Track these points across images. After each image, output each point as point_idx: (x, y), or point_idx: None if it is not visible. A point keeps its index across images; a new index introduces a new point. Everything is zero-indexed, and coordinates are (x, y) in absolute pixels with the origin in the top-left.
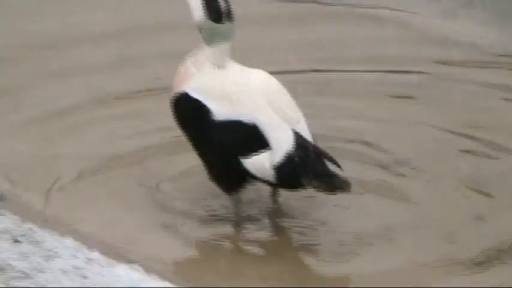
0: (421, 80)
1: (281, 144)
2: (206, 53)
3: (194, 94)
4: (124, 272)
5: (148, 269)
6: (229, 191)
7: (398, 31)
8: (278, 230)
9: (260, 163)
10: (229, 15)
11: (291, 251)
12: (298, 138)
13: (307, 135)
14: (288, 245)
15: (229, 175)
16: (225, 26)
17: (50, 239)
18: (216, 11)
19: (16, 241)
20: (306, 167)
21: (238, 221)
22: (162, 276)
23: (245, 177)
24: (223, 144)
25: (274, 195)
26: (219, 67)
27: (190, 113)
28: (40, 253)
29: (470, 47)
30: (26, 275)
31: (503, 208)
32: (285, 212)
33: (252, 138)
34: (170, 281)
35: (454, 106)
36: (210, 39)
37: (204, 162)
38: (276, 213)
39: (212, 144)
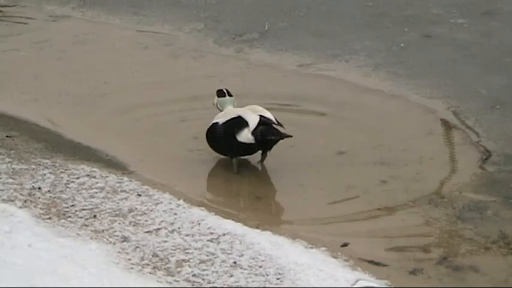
0: None
1: (253, 121)
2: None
3: (215, 121)
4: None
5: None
6: (231, 156)
7: None
8: (259, 172)
9: (245, 134)
10: (229, 94)
11: (269, 180)
12: (262, 118)
13: (270, 117)
14: (266, 180)
15: (232, 146)
16: (226, 98)
17: (157, 194)
18: (222, 93)
19: (139, 195)
20: (267, 129)
21: (237, 169)
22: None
23: (240, 146)
24: (227, 130)
25: (262, 160)
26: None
27: (214, 127)
28: (151, 202)
29: None
30: (144, 213)
31: None
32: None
33: (239, 122)
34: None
35: None
36: (221, 107)
37: (219, 144)
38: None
39: (223, 133)
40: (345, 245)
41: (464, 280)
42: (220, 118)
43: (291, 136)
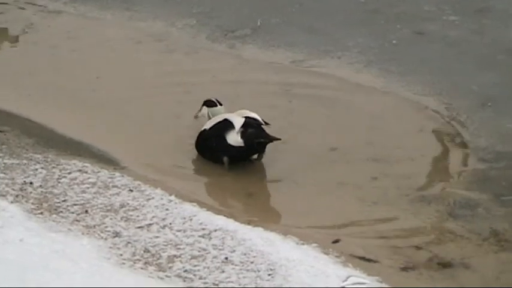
0: None
1: (238, 123)
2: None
3: (203, 129)
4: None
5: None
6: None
7: None
8: (251, 168)
9: (234, 137)
10: (219, 103)
11: (260, 177)
12: (248, 119)
13: (256, 117)
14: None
15: (223, 149)
16: (218, 108)
17: (149, 190)
18: (212, 103)
19: (130, 190)
20: (255, 132)
21: (228, 166)
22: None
23: (231, 149)
24: (216, 134)
25: (258, 159)
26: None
27: (202, 133)
28: (143, 197)
29: None
30: (135, 209)
31: None
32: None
33: (225, 125)
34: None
35: None
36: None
37: (210, 150)
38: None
39: (212, 136)
40: (336, 241)
41: (455, 277)
42: (207, 125)
43: (280, 139)
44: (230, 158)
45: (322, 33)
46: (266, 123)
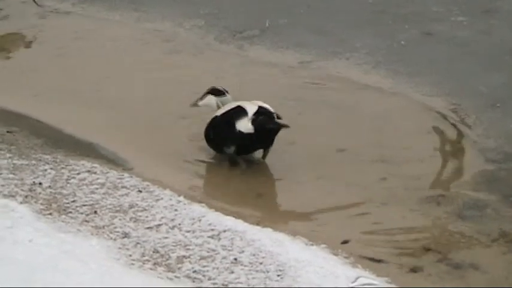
0: None
1: (251, 110)
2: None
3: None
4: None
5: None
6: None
7: None
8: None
9: (244, 123)
10: (227, 92)
11: (269, 178)
12: (261, 108)
13: (268, 107)
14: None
15: (231, 136)
16: (227, 97)
17: (157, 190)
18: (220, 92)
19: (139, 191)
20: (266, 119)
21: (245, 165)
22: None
23: (239, 136)
24: (226, 120)
25: (264, 156)
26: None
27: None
28: (152, 198)
29: None
30: (144, 209)
31: None
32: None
33: (238, 111)
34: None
35: None
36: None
37: (219, 138)
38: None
39: (222, 122)
40: (345, 242)
41: (465, 278)
42: (219, 112)
43: (289, 126)
44: (238, 147)
45: (330, 34)
46: (278, 117)
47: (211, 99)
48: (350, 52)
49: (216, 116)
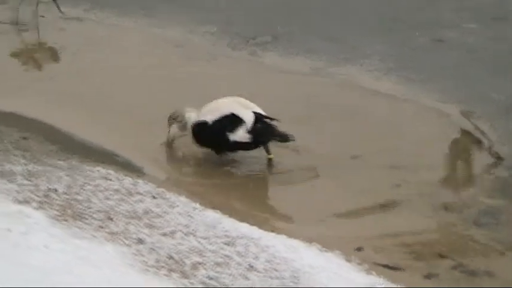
0: None
1: (248, 119)
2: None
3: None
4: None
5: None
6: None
7: None
8: (274, 175)
9: (241, 133)
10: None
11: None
12: (257, 115)
13: (261, 112)
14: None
15: (225, 146)
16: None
17: (172, 197)
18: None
19: (154, 197)
20: (266, 129)
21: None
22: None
23: (234, 145)
24: (219, 129)
25: (267, 152)
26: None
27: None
28: (166, 204)
29: None
30: (159, 215)
31: None
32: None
33: (232, 120)
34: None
35: None
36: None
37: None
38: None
39: (214, 132)
40: (359, 249)
41: (479, 285)
42: (208, 115)
43: (294, 139)
44: (231, 152)
45: (342, 40)
46: (270, 118)
47: (173, 128)
48: (362, 59)
49: (206, 121)
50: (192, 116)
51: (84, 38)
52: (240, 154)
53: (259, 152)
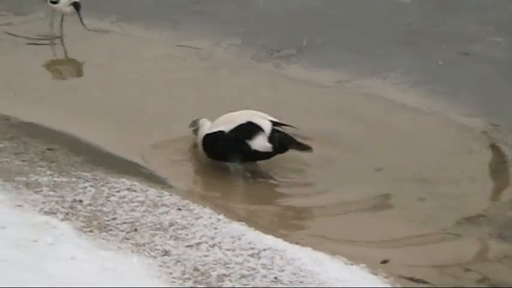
0: None
1: (267, 127)
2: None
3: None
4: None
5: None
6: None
7: None
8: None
9: (261, 142)
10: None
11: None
12: (274, 123)
13: (277, 121)
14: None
15: (244, 154)
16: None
17: (197, 208)
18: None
19: (179, 209)
20: (286, 138)
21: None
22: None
23: (255, 154)
24: (238, 138)
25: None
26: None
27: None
28: (192, 216)
29: None
30: (184, 227)
31: None
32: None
33: (251, 128)
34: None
35: None
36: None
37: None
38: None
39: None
40: (384, 261)
41: None
42: (222, 126)
43: (311, 150)
44: (247, 160)
45: (367, 53)
46: (283, 124)
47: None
48: (387, 71)
49: (222, 131)
50: (205, 126)
51: (110, 50)
52: (260, 163)
53: (281, 162)
